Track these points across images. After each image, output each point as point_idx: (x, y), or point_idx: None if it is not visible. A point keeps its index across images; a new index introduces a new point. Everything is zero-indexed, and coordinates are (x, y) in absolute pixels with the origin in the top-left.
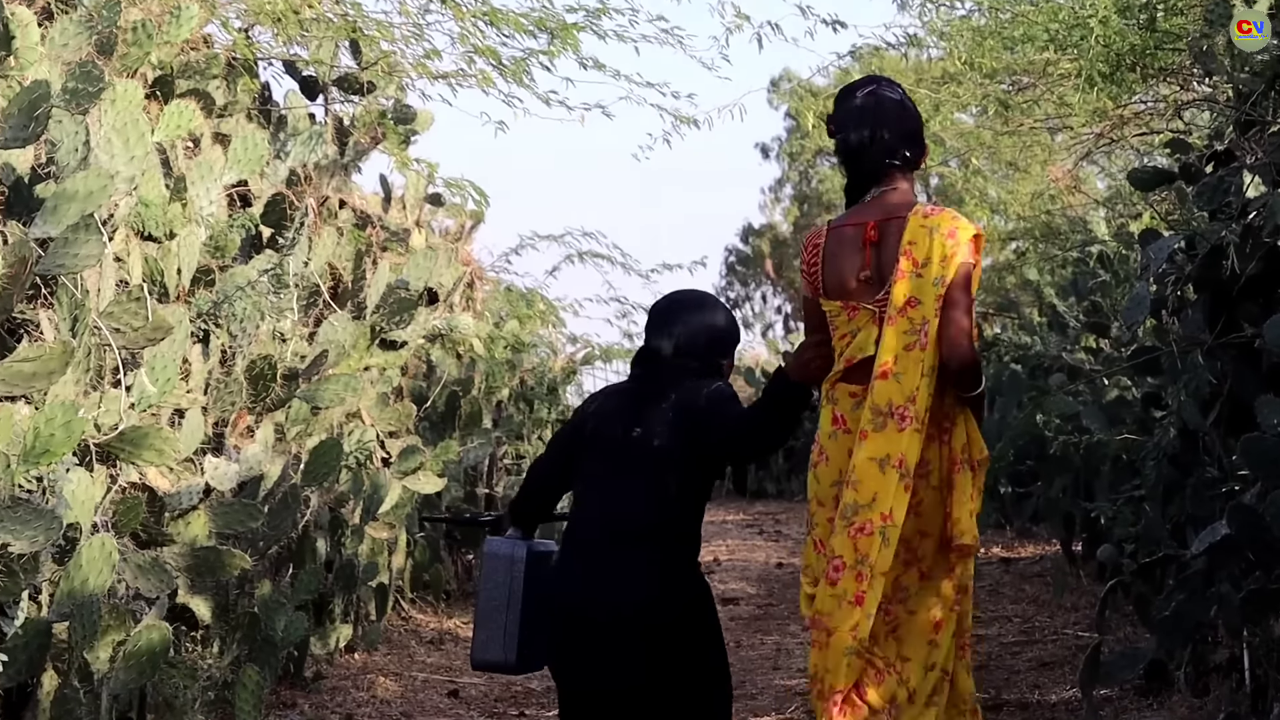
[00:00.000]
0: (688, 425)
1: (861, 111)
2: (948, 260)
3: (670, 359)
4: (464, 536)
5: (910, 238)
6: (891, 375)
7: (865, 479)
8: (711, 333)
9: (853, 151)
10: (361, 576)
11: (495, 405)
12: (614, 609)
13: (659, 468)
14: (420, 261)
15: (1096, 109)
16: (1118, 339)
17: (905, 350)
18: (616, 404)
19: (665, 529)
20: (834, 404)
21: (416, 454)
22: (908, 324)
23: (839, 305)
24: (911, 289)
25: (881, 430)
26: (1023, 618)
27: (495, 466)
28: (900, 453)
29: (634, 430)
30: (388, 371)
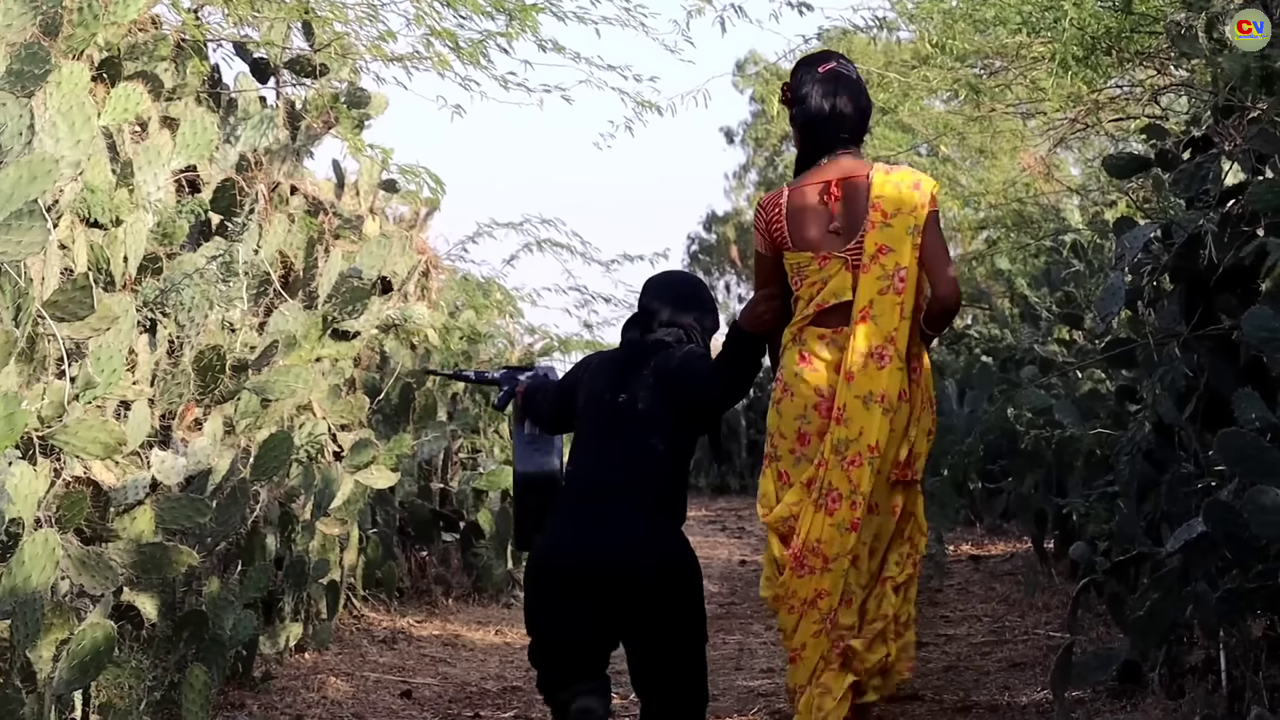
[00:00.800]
0: (666, 386)
1: (824, 84)
2: (917, 209)
3: (660, 327)
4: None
5: (878, 192)
6: (870, 318)
7: (854, 416)
8: (698, 320)
9: (812, 121)
10: (312, 574)
11: (450, 398)
12: (604, 562)
13: (645, 430)
14: (374, 249)
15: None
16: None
17: (880, 294)
18: (606, 371)
19: (653, 487)
20: (801, 344)
21: (369, 447)
22: (880, 270)
23: (809, 255)
24: (883, 238)
25: (864, 370)
26: (993, 617)
27: (450, 460)
28: (882, 389)
29: (620, 396)
30: (340, 363)
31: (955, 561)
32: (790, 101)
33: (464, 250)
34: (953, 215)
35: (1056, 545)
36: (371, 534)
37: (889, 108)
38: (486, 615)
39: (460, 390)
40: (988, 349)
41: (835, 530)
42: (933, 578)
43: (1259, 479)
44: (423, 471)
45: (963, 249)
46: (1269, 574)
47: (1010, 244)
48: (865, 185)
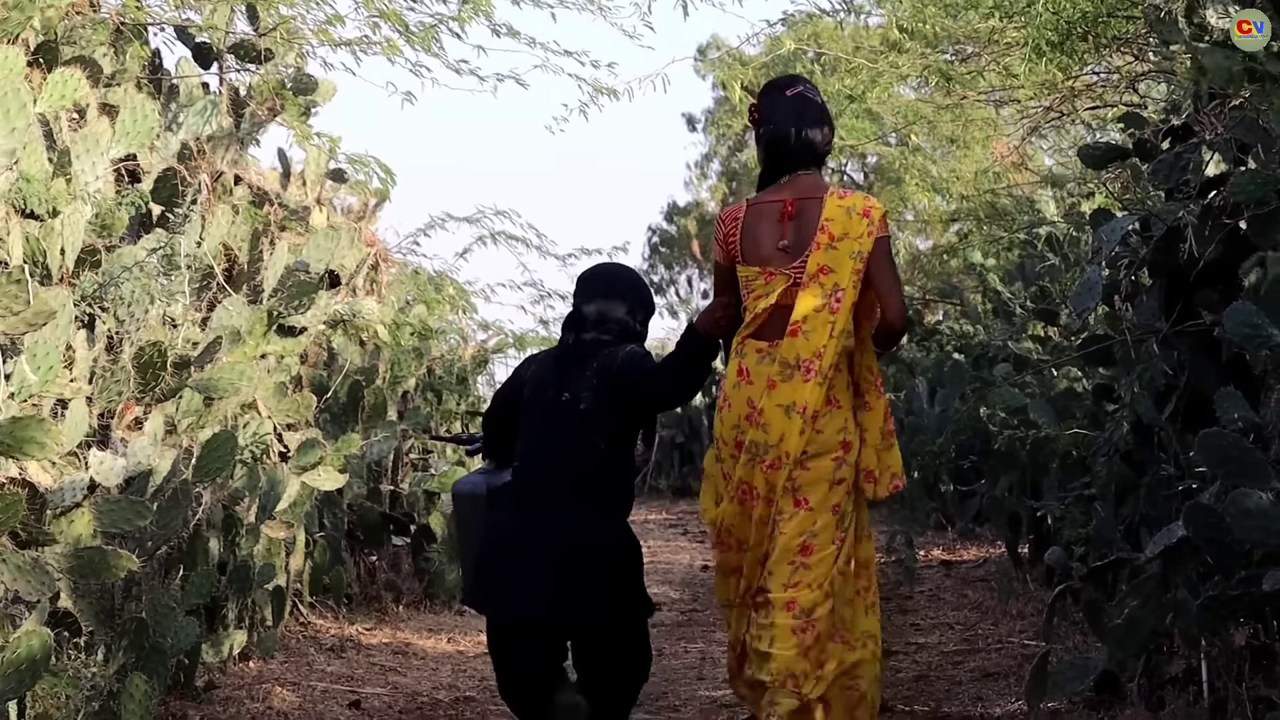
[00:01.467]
0: (609, 386)
1: (789, 107)
2: (863, 237)
3: (593, 326)
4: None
5: (828, 215)
6: (801, 332)
7: (773, 422)
8: (628, 302)
9: (776, 142)
10: (257, 579)
11: (401, 396)
12: (548, 550)
13: (587, 428)
14: (321, 242)
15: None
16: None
17: (815, 312)
18: (548, 370)
19: (596, 483)
20: (741, 358)
21: (316, 448)
22: (819, 289)
23: (756, 270)
24: (825, 259)
25: (788, 381)
26: (965, 625)
27: (401, 461)
28: (804, 401)
29: (563, 395)
30: (286, 359)
31: (926, 567)
32: (758, 122)
33: (415, 243)
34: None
35: (1031, 550)
36: (319, 538)
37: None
38: (438, 622)
39: (411, 388)
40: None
41: (744, 518)
42: (902, 583)
43: (1242, 481)
44: (372, 473)
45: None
46: (1252, 580)
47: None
48: (818, 207)
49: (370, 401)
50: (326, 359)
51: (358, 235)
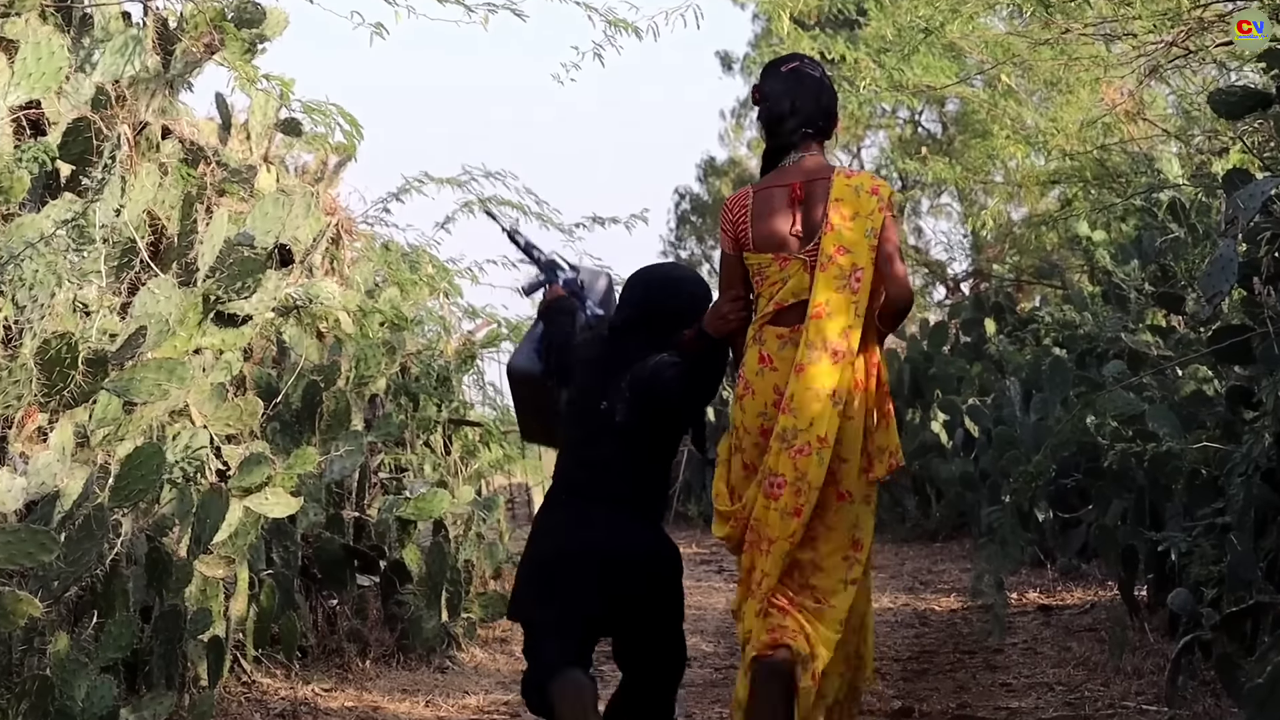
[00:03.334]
0: (639, 398)
1: (784, 84)
2: (874, 213)
3: (638, 331)
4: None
5: (837, 195)
6: (825, 315)
7: (802, 406)
8: (685, 314)
9: (773, 118)
10: (189, 628)
11: (368, 401)
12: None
13: (623, 441)
14: (269, 210)
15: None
16: (1195, 316)
17: (836, 293)
18: (592, 370)
19: (631, 495)
20: (761, 344)
21: (263, 465)
22: (838, 270)
23: (769, 257)
24: (841, 240)
25: (816, 364)
26: (1068, 685)
27: (368, 482)
28: (834, 384)
29: (601, 403)
30: (226, 355)
31: (1020, 613)
32: (758, 102)
33: (386, 211)
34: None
35: (1151, 592)
36: (266, 577)
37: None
38: (414, 681)
39: (381, 391)
40: (1061, 339)
41: (777, 515)
42: (991, 634)
43: None
44: (332, 496)
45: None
46: None
47: (1090, 203)
48: (825, 187)
49: (330, 407)
50: (276, 355)
51: (315, 201)
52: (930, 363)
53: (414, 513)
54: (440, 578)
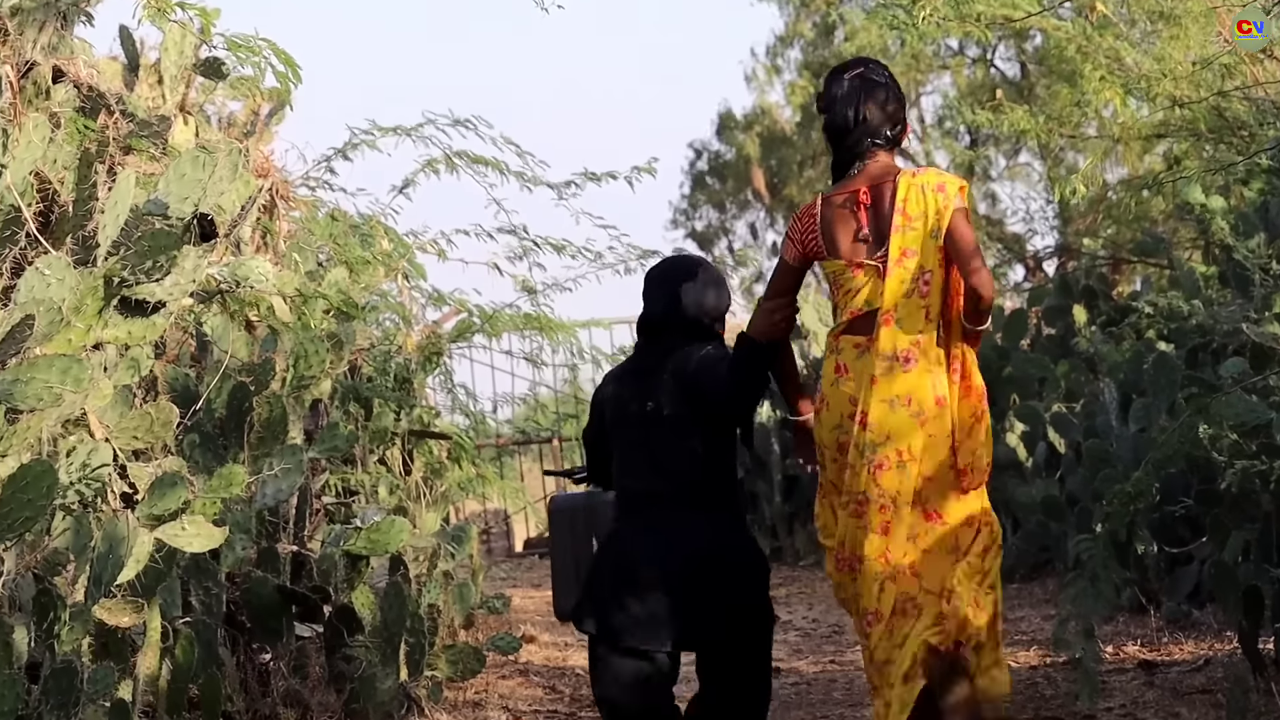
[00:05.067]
0: (686, 391)
1: (849, 94)
2: (941, 213)
3: (663, 327)
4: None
5: (903, 195)
6: (894, 321)
7: (878, 420)
8: (695, 298)
9: (838, 130)
10: (87, 690)
11: (310, 407)
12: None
13: (677, 435)
14: (187, 171)
15: None
16: None
17: (905, 298)
18: (625, 385)
19: (699, 489)
20: (837, 354)
21: (178, 488)
22: (905, 274)
23: (843, 265)
24: (906, 241)
25: (888, 375)
26: None
27: (309, 508)
28: (908, 392)
29: (647, 405)
30: (133, 351)
31: (1117, 670)
32: (822, 111)
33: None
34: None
35: (1278, 645)
36: (183, 625)
37: None
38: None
39: (326, 396)
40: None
41: (863, 533)
42: (1080, 697)
43: None
44: (265, 526)
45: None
46: None
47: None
48: (892, 190)
49: (262, 416)
50: (195, 351)
51: (243, 160)
52: (1005, 360)
53: (366, 546)
54: (398, 627)
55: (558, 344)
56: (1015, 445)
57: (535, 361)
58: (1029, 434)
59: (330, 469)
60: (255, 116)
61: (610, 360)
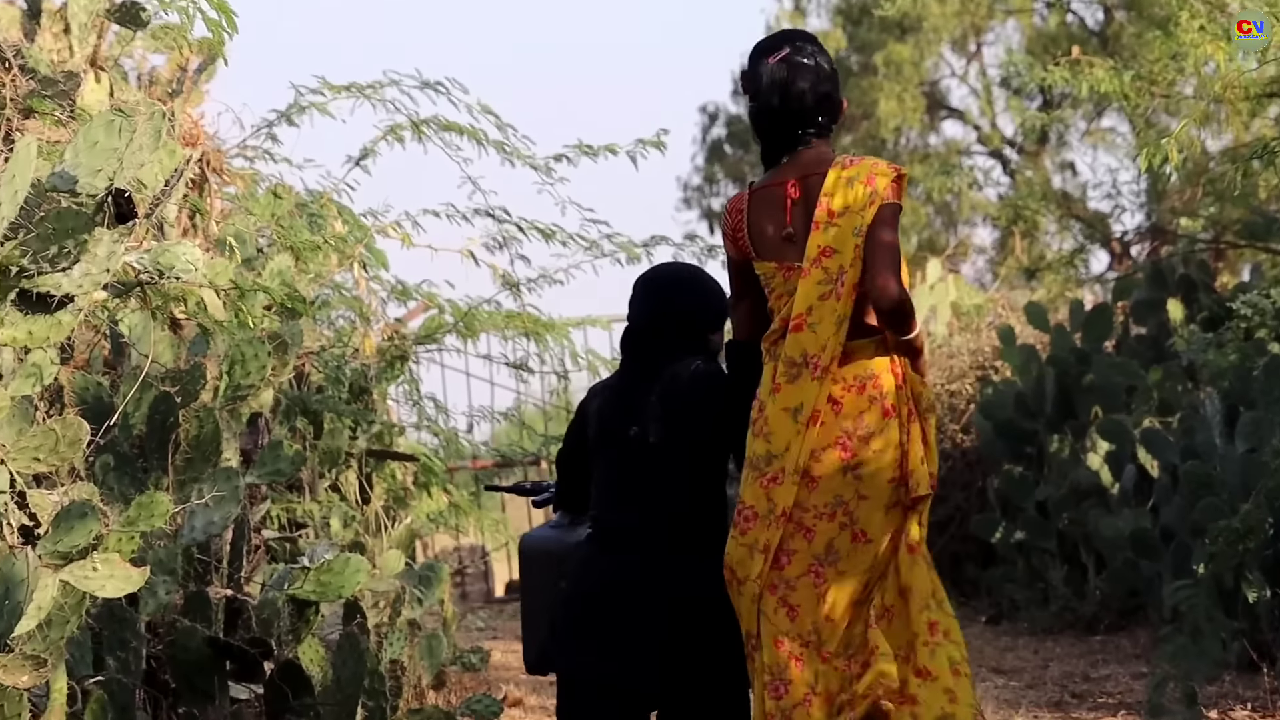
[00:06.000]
0: (677, 414)
1: (773, 80)
2: (866, 209)
3: (650, 341)
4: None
5: (828, 189)
6: (806, 326)
7: (778, 429)
8: (687, 309)
9: (762, 116)
10: None
11: (248, 423)
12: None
13: (661, 465)
14: (100, 139)
15: None
16: None
17: (820, 300)
18: (611, 401)
19: (674, 526)
20: (775, 360)
21: (89, 519)
22: (822, 274)
23: (773, 267)
24: (826, 239)
25: (794, 381)
26: None
27: (247, 544)
28: (813, 403)
29: (631, 428)
30: (34, 355)
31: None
32: (746, 91)
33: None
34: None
35: None
36: (94, 686)
37: None
38: None
39: (268, 409)
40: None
41: (745, 551)
42: None
43: None
44: (194, 565)
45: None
46: None
47: None
48: (820, 183)
49: (191, 433)
50: (110, 355)
51: (168, 126)
52: (1085, 365)
53: (315, 590)
54: (354, 687)
55: (546, 347)
56: (1099, 468)
57: (519, 368)
58: (1115, 455)
59: (272, 497)
60: (182, 73)
61: (609, 366)
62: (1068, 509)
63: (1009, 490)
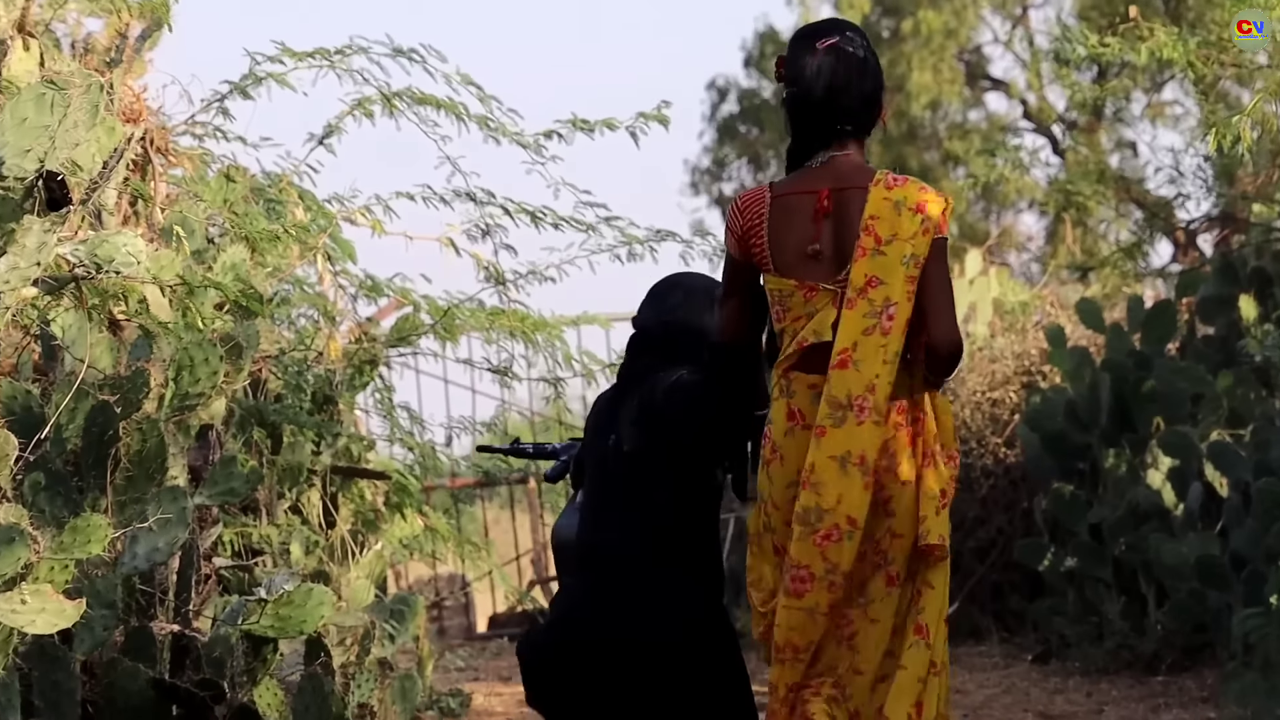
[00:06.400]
0: (653, 423)
1: (817, 63)
2: (917, 236)
3: (648, 350)
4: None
5: (873, 211)
6: (851, 363)
7: (827, 480)
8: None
9: (802, 105)
10: None
11: (197, 436)
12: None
13: (638, 477)
14: (29, 114)
15: None
16: None
17: (864, 335)
18: (600, 409)
19: (655, 544)
20: (789, 397)
21: (17, 545)
22: (868, 306)
23: (793, 284)
24: (873, 268)
25: (841, 425)
26: None
27: (196, 571)
28: (861, 449)
29: (610, 438)
30: None
31: None
32: (783, 79)
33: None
34: None
35: None
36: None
37: None
38: None
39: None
40: None
41: (805, 616)
42: None
43: None
44: (136, 598)
45: None
46: None
47: None
48: (861, 200)
49: (132, 448)
50: (40, 359)
51: (106, 100)
52: (1146, 370)
53: (273, 625)
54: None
55: (536, 349)
56: (1160, 486)
57: (504, 374)
58: (1179, 471)
59: (225, 520)
60: (122, 40)
61: (608, 371)
62: (1125, 533)
63: (1059, 512)
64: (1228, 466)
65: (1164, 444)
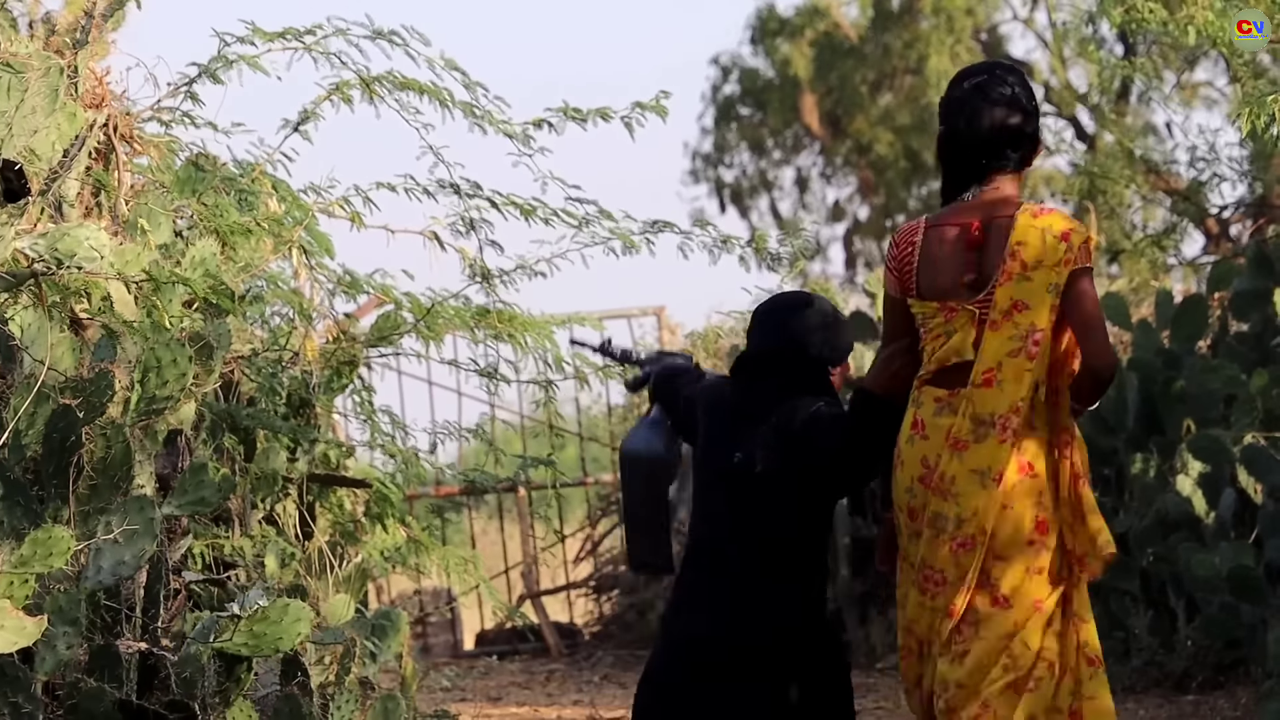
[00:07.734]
0: (789, 448)
1: (964, 103)
2: (1061, 265)
3: (765, 370)
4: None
5: (1019, 238)
6: (996, 383)
7: (967, 492)
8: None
9: (948, 142)
10: None
11: (165, 442)
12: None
13: (765, 496)
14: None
15: None
16: None
17: (1010, 356)
18: (719, 421)
19: (775, 559)
20: (917, 407)
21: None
22: (1013, 329)
23: (935, 306)
24: (1018, 292)
25: (983, 441)
26: None
27: (165, 586)
28: (1001, 466)
29: (735, 455)
30: None
31: None
32: (940, 118)
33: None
34: None
35: None
36: None
37: None
38: None
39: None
40: None
41: (932, 614)
42: None
43: None
44: (101, 614)
45: None
46: None
47: None
48: (1007, 228)
49: (97, 455)
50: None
51: (67, 84)
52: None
53: (247, 643)
54: None
55: (525, 350)
56: (1190, 493)
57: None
58: (1210, 477)
59: (195, 531)
60: (85, 20)
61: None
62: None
63: None
64: (1262, 472)
65: (1194, 448)
